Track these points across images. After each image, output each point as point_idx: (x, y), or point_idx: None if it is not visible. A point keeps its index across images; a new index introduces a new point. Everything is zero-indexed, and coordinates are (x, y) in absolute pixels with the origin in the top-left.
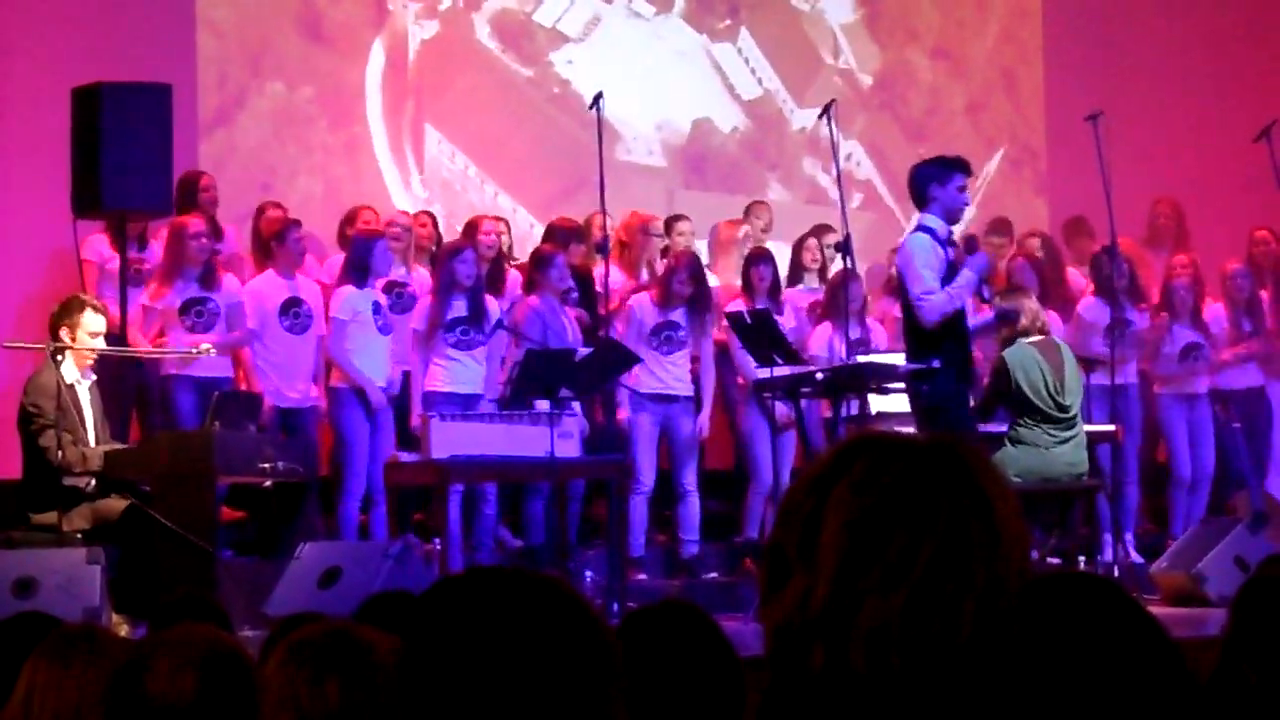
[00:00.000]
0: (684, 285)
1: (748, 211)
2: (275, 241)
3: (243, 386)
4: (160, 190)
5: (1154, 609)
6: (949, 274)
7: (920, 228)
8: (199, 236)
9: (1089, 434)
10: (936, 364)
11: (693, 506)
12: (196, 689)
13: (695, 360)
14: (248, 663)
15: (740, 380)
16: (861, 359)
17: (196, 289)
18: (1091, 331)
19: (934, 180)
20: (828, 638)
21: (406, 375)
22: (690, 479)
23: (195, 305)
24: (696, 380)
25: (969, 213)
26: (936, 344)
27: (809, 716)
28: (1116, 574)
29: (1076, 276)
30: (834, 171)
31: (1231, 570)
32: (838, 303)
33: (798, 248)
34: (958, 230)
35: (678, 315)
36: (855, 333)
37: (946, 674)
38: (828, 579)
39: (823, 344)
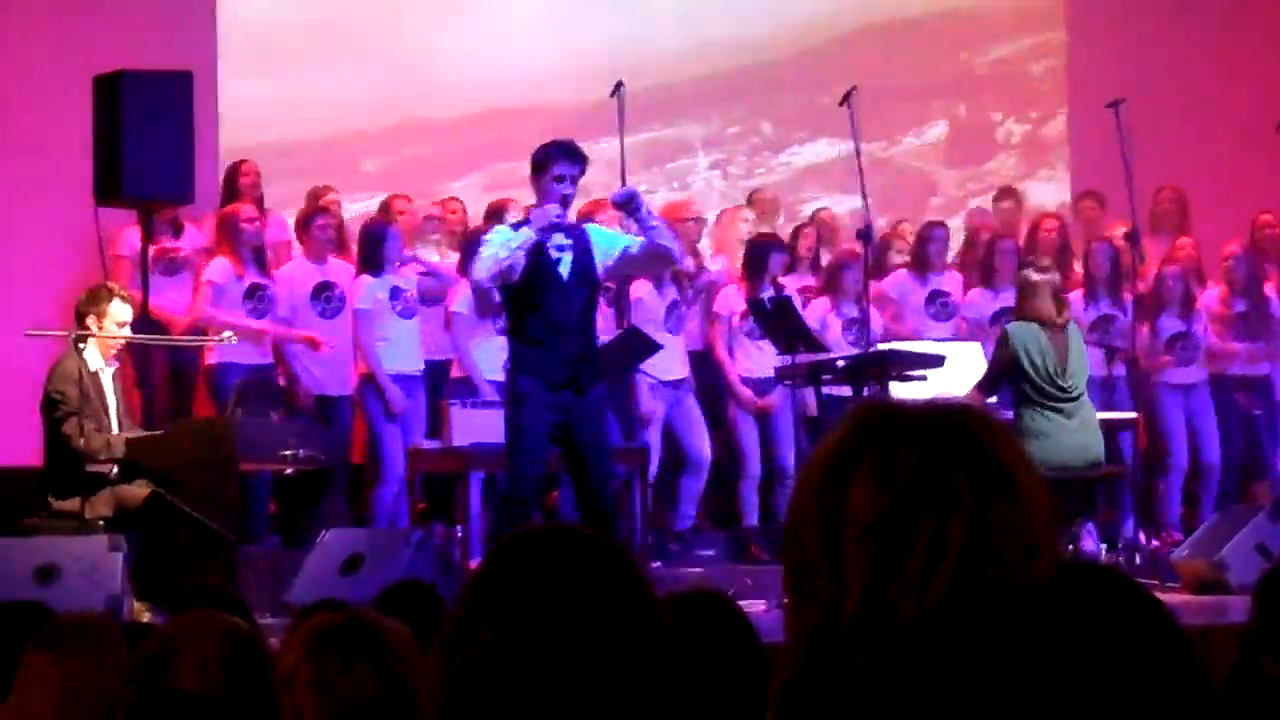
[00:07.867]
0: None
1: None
2: (302, 227)
3: (280, 371)
4: (181, 178)
5: (1176, 596)
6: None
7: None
8: (252, 221)
9: (1111, 422)
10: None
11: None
12: (224, 679)
13: None
14: (265, 651)
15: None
16: (882, 346)
17: (256, 274)
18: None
19: (533, 171)
20: (866, 643)
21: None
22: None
23: (259, 290)
24: None
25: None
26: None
27: (845, 713)
28: (1138, 561)
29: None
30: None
31: (1253, 557)
32: (839, 282)
33: (794, 236)
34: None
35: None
36: (852, 312)
37: (991, 662)
38: (859, 587)
39: (816, 319)
